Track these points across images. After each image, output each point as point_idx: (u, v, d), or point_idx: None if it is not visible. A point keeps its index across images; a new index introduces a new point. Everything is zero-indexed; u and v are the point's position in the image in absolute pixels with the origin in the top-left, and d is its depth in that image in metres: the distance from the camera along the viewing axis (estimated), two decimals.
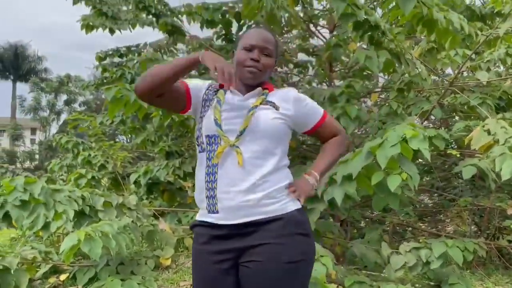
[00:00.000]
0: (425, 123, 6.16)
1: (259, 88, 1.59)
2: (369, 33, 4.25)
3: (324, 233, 4.84)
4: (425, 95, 6.20)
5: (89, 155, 6.63)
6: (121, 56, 9.19)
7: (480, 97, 5.12)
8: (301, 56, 7.83)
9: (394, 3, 4.11)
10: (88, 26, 7.39)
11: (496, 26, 4.63)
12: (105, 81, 8.38)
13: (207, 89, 1.62)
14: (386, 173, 2.90)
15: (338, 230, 4.95)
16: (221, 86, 1.58)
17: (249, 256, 1.41)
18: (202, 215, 1.53)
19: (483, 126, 4.17)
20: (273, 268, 1.37)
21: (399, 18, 4.31)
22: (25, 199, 3.46)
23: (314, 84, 7.77)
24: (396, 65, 4.48)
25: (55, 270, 3.81)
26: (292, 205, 1.50)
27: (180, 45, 8.20)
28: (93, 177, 5.69)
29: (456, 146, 6.26)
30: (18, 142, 33.73)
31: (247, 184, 1.43)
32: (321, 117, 1.69)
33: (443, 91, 5.31)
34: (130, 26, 7.79)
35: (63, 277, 3.65)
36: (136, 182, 5.45)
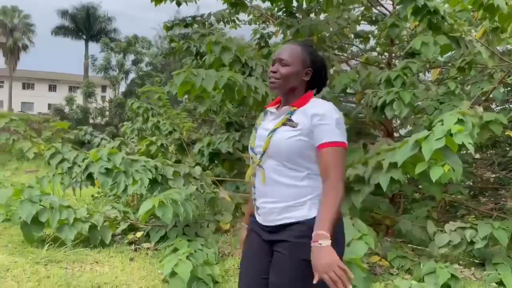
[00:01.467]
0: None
1: (286, 107, 1.71)
2: (428, 17, 4.29)
3: (371, 208, 5.11)
4: (488, 72, 6.07)
5: (158, 121, 7.25)
6: (186, 26, 9.63)
7: None
8: (364, 27, 7.85)
9: None
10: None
11: None
12: (172, 50, 8.94)
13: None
14: (430, 164, 3.10)
15: (386, 206, 5.18)
16: (271, 105, 1.86)
17: (278, 247, 1.69)
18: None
19: None
20: (292, 261, 1.64)
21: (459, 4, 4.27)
22: (109, 167, 4.05)
23: (374, 53, 7.78)
24: (454, 48, 4.48)
25: (132, 228, 4.44)
26: (314, 212, 1.64)
27: (242, 16, 8.45)
28: (162, 145, 6.27)
29: None
30: (90, 99, 35.86)
31: (272, 198, 1.69)
32: (320, 144, 1.62)
33: (506, 70, 5.20)
34: None
35: (138, 234, 4.27)
36: (199, 151, 5.97)
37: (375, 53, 7.31)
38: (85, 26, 39.63)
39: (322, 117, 1.62)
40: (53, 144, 5.23)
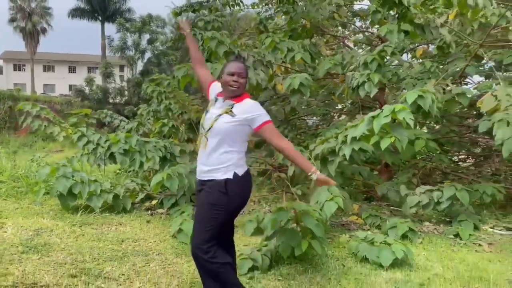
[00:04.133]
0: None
1: (229, 101, 2.55)
2: (394, 8, 4.90)
3: (353, 175, 5.86)
4: (467, 50, 6.62)
5: (170, 103, 8.04)
6: (194, 11, 10.28)
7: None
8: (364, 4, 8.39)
9: None
10: None
11: None
12: (181, 36, 9.64)
13: (215, 94, 2.69)
14: (380, 136, 3.83)
15: (368, 173, 5.91)
16: (218, 95, 2.64)
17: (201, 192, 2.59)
18: None
19: (493, 91, 4.78)
20: (203, 202, 2.55)
21: None
22: (126, 148, 4.90)
23: (374, 30, 8.33)
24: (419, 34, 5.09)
25: (149, 197, 5.33)
26: (223, 176, 2.50)
27: None
28: (173, 126, 7.08)
29: None
30: (109, 80, 36.83)
31: (205, 160, 2.55)
32: (260, 124, 2.50)
33: (473, 50, 5.78)
34: None
35: (154, 202, 5.15)
36: None
37: (361, 36, 7.86)
38: (100, 7, 40.29)
39: (254, 112, 2.53)
40: (79, 129, 6.11)
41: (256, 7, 9.89)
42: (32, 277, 3.01)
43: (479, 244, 4.53)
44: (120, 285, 3.04)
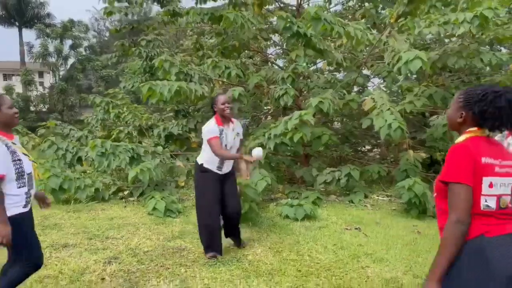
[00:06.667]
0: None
1: (232, 124, 4.00)
2: (300, 39, 6.73)
3: (277, 164, 7.67)
4: (359, 64, 8.68)
5: (119, 112, 9.31)
6: (132, 29, 11.53)
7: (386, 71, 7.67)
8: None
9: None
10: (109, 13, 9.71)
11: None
12: (123, 53, 10.88)
13: (219, 129, 4.03)
14: (293, 133, 5.62)
15: (288, 162, 7.75)
16: (220, 125, 4.14)
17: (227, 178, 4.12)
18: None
19: (371, 96, 6.75)
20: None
21: None
22: (102, 151, 6.24)
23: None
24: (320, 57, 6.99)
25: (119, 189, 6.69)
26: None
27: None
28: (128, 132, 8.43)
29: None
30: (30, 87, 35.80)
31: (229, 162, 4.08)
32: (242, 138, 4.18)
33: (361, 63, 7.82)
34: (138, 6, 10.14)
35: (126, 192, 6.54)
36: (158, 134, 8.21)
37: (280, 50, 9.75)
38: (17, 12, 38.89)
39: (241, 130, 4.10)
40: (49, 138, 7.29)
41: (190, 25, 11.37)
42: (61, 241, 4.38)
43: (365, 205, 6.51)
44: (125, 241, 4.49)
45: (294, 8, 9.28)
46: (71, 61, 36.38)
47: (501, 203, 1.66)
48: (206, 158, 3.96)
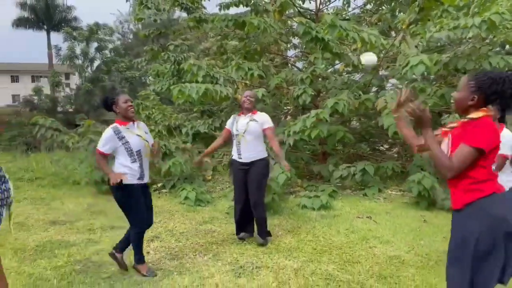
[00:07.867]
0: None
1: (250, 114, 4.52)
2: (318, 43, 7.27)
3: (296, 160, 8.22)
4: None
5: (150, 113, 10.03)
6: (160, 34, 12.24)
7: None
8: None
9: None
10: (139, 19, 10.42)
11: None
12: (153, 57, 11.60)
13: (234, 119, 4.71)
14: (310, 130, 6.18)
15: (307, 158, 8.30)
16: (239, 115, 4.74)
17: (252, 167, 4.49)
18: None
19: (383, 96, 7.24)
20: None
21: None
22: None
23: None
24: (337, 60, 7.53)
25: (153, 182, 7.36)
26: (262, 156, 4.45)
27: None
28: (158, 131, 9.12)
29: None
30: (58, 88, 37.14)
31: (248, 150, 4.47)
32: (267, 127, 4.35)
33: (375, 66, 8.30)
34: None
35: (159, 185, 7.21)
36: (185, 133, 8.88)
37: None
38: (45, 16, 40.37)
39: (265, 119, 4.44)
40: (89, 136, 8.02)
41: (215, 30, 12.01)
42: (108, 224, 5.05)
43: (378, 198, 7.01)
44: (162, 225, 5.13)
45: (313, 12, 9.84)
46: (96, 63, 37.67)
47: None
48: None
